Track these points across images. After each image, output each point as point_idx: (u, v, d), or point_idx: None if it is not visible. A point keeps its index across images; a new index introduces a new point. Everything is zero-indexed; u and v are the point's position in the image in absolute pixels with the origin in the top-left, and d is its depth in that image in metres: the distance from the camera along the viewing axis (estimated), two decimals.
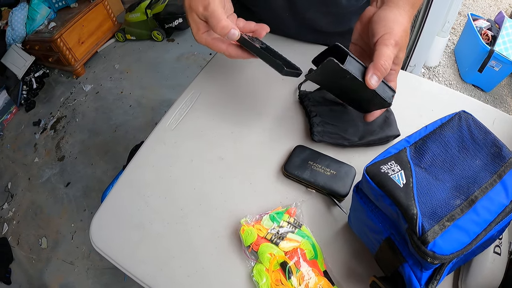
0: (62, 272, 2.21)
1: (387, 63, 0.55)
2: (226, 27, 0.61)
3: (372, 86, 0.56)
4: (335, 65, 0.54)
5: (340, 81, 0.60)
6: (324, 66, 0.55)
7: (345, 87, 0.63)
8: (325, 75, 0.60)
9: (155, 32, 3.26)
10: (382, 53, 0.55)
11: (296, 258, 0.58)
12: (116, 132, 2.78)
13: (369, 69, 0.56)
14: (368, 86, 0.56)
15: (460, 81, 2.53)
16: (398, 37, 0.56)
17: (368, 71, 0.56)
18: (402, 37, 0.57)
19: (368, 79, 0.56)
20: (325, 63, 0.54)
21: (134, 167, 0.78)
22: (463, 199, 0.45)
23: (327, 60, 0.53)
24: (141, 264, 0.66)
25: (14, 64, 3.28)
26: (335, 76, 0.59)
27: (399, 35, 0.57)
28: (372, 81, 0.56)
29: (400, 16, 0.58)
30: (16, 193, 2.72)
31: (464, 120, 0.52)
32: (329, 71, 0.57)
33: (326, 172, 0.67)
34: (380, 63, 0.55)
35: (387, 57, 0.55)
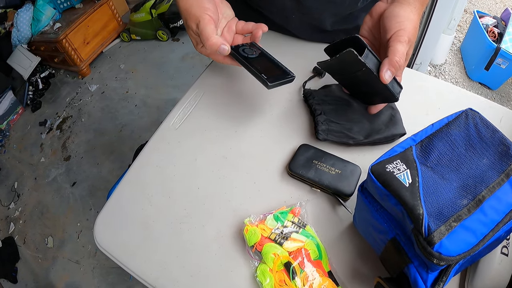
0: (68, 271, 2.22)
1: (402, 59, 0.57)
2: (215, 44, 0.66)
3: (386, 81, 0.57)
4: (354, 56, 0.55)
5: (354, 72, 0.61)
6: (343, 55, 0.56)
7: (356, 78, 0.63)
8: (340, 64, 0.61)
9: (160, 31, 3.26)
10: (397, 49, 0.57)
11: (300, 258, 0.58)
12: (121, 131, 2.79)
13: (384, 64, 0.57)
14: (382, 81, 0.57)
15: (467, 79, 2.51)
16: (411, 34, 0.58)
17: (383, 66, 0.57)
18: (413, 35, 0.59)
19: (383, 74, 0.57)
20: (345, 53, 0.55)
21: (138, 167, 0.78)
22: (470, 199, 0.44)
23: (347, 50, 0.55)
24: (144, 263, 0.65)
25: (20, 65, 3.30)
26: (350, 67, 0.60)
27: (412, 32, 0.58)
28: (386, 76, 0.57)
29: (411, 13, 0.60)
30: (22, 192, 2.74)
31: (471, 118, 0.52)
32: (346, 61, 0.58)
33: (331, 171, 0.66)
34: (395, 59, 0.56)
35: (401, 54, 0.57)
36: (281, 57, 0.84)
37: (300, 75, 0.84)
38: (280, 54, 0.81)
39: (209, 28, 0.65)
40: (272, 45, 0.92)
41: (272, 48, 0.90)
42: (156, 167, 0.77)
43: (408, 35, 0.58)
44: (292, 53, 0.88)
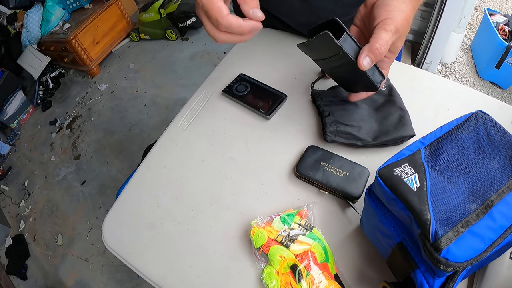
0: (77, 268, 2.24)
1: (383, 47, 0.54)
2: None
3: (363, 68, 0.55)
4: (330, 40, 0.53)
5: (332, 57, 0.59)
6: (319, 38, 0.54)
7: (335, 63, 0.61)
8: (318, 48, 0.59)
9: (169, 31, 3.27)
10: (380, 36, 0.54)
11: (307, 261, 0.57)
12: (131, 131, 2.81)
13: (364, 50, 0.55)
14: (359, 67, 0.55)
15: (477, 78, 2.48)
16: (399, 24, 0.55)
17: (362, 52, 0.55)
18: (403, 25, 0.56)
19: (361, 60, 0.54)
20: (320, 36, 0.53)
21: (146, 167, 0.79)
22: (479, 203, 0.43)
23: (323, 33, 0.52)
24: (151, 263, 0.66)
25: (30, 65, 3.34)
26: (327, 51, 0.58)
27: (400, 23, 0.55)
28: (364, 63, 0.55)
29: (404, 4, 0.57)
30: (32, 191, 2.77)
31: (481, 121, 0.51)
32: (323, 44, 0.56)
33: (339, 173, 0.66)
34: (375, 46, 0.54)
35: (384, 41, 0.54)
36: (289, 58, 0.84)
37: (308, 75, 0.84)
38: (287, 54, 0.81)
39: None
40: (279, 45, 0.92)
41: (279, 48, 0.90)
42: (164, 168, 0.77)
43: (396, 24, 0.55)
44: (299, 53, 0.87)
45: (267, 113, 0.79)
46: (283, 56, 0.84)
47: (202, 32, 3.39)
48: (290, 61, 0.85)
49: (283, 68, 0.84)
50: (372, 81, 0.59)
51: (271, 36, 0.95)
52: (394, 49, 0.59)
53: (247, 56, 0.93)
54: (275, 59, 0.90)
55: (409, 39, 2.59)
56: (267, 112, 0.79)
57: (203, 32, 3.37)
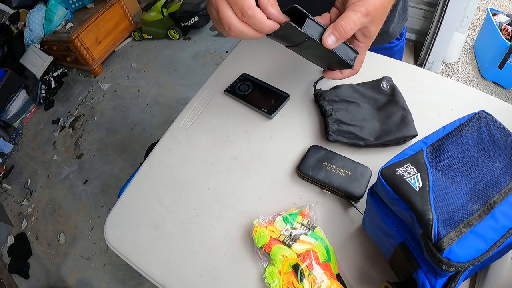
0: (79, 267, 2.25)
1: (349, 26, 0.54)
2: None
3: (328, 46, 0.55)
4: (293, 28, 0.53)
5: (301, 43, 0.59)
6: (283, 29, 0.54)
7: (306, 47, 0.61)
8: (285, 36, 0.59)
9: (171, 30, 3.28)
10: (347, 16, 0.54)
11: (309, 260, 0.57)
12: (133, 130, 2.81)
13: (328, 29, 0.54)
14: (324, 46, 0.55)
15: (480, 78, 2.47)
16: (372, 8, 0.54)
17: (326, 31, 0.55)
18: (376, 9, 0.55)
19: (325, 37, 0.54)
20: (283, 27, 0.54)
21: (148, 167, 0.79)
22: (481, 204, 0.43)
23: (285, 23, 0.53)
24: (154, 262, 0.66)
25: (33, 64, 3.35)
26: (295, 38, 0.58)
27: (373, 6, 0.54)
28: (329, 41, 0.54)
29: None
30: (35, 189, 2.78)
31: (483, 121, 0.51)
32: (288, 33, 0.56)
33: (341, 173, 0.66)
34: (340, 23, 0.53)
35: (350, 20, 0.54)
36: (291, 57, 0.84)
37: (310, 75, 0.84)
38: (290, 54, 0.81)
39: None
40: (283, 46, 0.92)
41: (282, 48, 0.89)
42: (166, 167, 0.77)
43: (367, 7, 0.54)
44: None
45: (270, 112, 0.79)
46: (285, 56, 0.83)
47: (204, 32, 3.39)
48: (292, 60, 0.85)
49: (286, 68, 0.84)
50: (343, 59, 0.59)
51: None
52: (368, 33, 0.58)
53: (249, 56, 0.93)
54: (277, 59, 0.90)
55: (411, 38, 2.58)
56: (269, 111, 0.79)
57: (206, 32, 3.37)
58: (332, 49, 0.56)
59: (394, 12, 0.88)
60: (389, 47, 0.98)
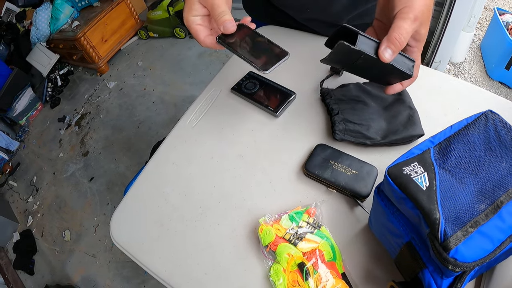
0: (84, 264, 2.26)
1: (403, 36, 0.54)
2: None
3: (385, 60, 0.54)
4: (347, 47, 0.53)
5: (356, 61, 0.59)
6: (336, 50, 0.54)
7: (362, 64, 0.61)
8: (339, 57, 0.59)
9: (177, 29, 3.28)
10: (398, 26, 0.54)
11: (314, 259, 0.57)
12: (139, 128, 2.82)
13: (382, 42, 0.54)
14: (381, 60, 0.55)
15: (487, 78, 2.45)
16: (418, 11, 0.54)
17: (381, 45, 0.54)
18: (423, 12, 0.55)
19: (381, 52, 0.54)
20: (337, 47, 0.54)
21: (154, 164, 0.79)
22: (488, 204, 0.43)
23: (338, 44, 0.53)
24: (159, 260, 0.66)
25: (39, 62, 3.37)
26: (349, 57, 0.58)
27: (419, 9, 0.54)
28: (386, 55, 0.54)
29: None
30: (41, 187, 2.80)
31: (490, 120, 0.51)
32: (343, 53, 0.56)
33: (348, 172, 0.66)
34: (394, 35, 0.53)
35: (402, 30, 0.53)
36: (298, 55, 0.84)
37: (317, 73, 0.84)
38: (297, 52, 0.81)
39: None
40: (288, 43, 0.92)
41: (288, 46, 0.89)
42: (172, 165, 0.77)
43: (414, 12, 0.54)
44: (309, 51, 0.87)
45: (276, 110, 0.79)
46: (292, 54, 0.83)
47: None
48: (299, 59, 0.85)
49: (293, 66, 0.84)
50: (401, 70, 0.58)
51: (280, 34, 0.95)
52: (419, 37, 0.58)
53: None
54: None
55: None
56: (276, 110, 0.79)
57: None
58: (390, 62, 0.56)
59: None
60: None
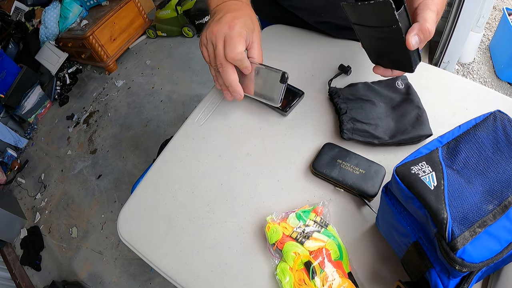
0: (91, 261, 2.28)
1: (433, 28, 0.53)
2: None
3: (411, 47, 0.54)
4: (390, 10, 0.50)
5: (380, 27, 0.56)
6: (377, 4, 0.51)
7: (379, 34, 0.58)
8: (369, 13, 0.55)
9: (185, 28, 3.29)
10: (429, 16, 0.53)
11: (321, 258, 0.57)
12: (147, 126, 2.83)
13: (414, 28, 0.53)
14: (407, 45, 0.53)
15: (495, 79, 2.43)
16: (440, 5, 0.54)
17: (412, 30, 0.53)
18: (442, 7, 0.55)
19: (410, 37, 0.53)
20: (381, 2, 0.50)
21: (162, 162, 0.80)
22: (496, 204, 0.43)
23: (385, 0, 0.49)
24: (166, 257, 0.67)
25: (48, 61, 3.40)
26: (379, 20, 0.54)
27: (440, 5, 0.55)
28: (413, 41, 0.53)
29: None
30: (49, 184, 2.82)
31: (499, 121, 0.50)
32: (377, 12, 0.53)
33: (355, 171, 0.66)
34: (426, 25, 0.53)
35: (432, 22, 0.53)
36: (306, 55, 0.84)
37: (325, 72, 0.84)
38: (305, 51, 0.81)
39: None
40: (296, 42, 0.92)
41: (296, 45, 0.90)
42: (180, 163, 0.78)
43: (437, 5, 0.54)
44: (317, 50, 0.87)
45: (285, 110, 0.79)
46: (300, 53, 0.83)
47: None
48: (307, 58, 0.85)
49: (300, 65, 0.84)
50: (411, 62, 0.57)
51: (288, 33, 0.95)
52: None
53: (264, 53, 0.93)
54: (292, 56, 0.90)
55: None
56: (284, 109, 0.79)
57: None
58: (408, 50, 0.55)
59: None
60: None
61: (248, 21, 0.68)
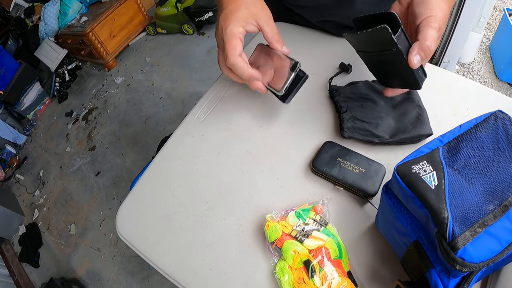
0: (89, 258, 2.28)
1: (433, 46, 0.54)
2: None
3: (414, 66, 0.55)
4: (388, 35, 0.52)
5: (381, 51, 0.58)
6: (376, 31, 0.53)
7: (382, 57, 0.60)
8: (369, 40, 0.58)
9: (185, 25, 3.28)
10: (429, 34, 0.54)
11: (320, 257, 0.57)
12: (146, 123, 2.83)
13: (414, 47, 0.54)
14: (409, 65, 0.55)
15: (495, 79, 2.43)
16: (441, 22, 0.55)
17: (412, 49, 0.54)
18: (444, 23, 0.56)
19: (412, 57, 0.54)
20: (378, 29, 0.52)
21: (161, 159, 0.79)
22: (497, 204, 0.42)
23: (382, 26, 0.51)
24: (164, 255, 0.67)
25: (47, 57, 3.40)
26: (379, 44, 0.57)
27: (442, 20, 0.55)
28: (415, 60, 0.54)
29: (442, 1, 0.57)
30: (47, 180, 2.82)
31: (500, 121, 0.50)
32: (377, 37, 0.55)
33: (355, 170, 0.65)
34: (426, 43, 0.54)
35: (432, 39, 0.54)
36: (307, 53, 0.83)
37: (326, 71, 0.83)
38: (306, 49, 0.81)
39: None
40: (298, 40, 0.92)
41: (297, 43, 0.89)
42: (179, 160, 0.78)
43: (439, 22, 0.55)
44: (318, 48, 0.87)
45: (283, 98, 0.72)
46: (301, 51, 0.83)
47: None
48: (308, 56, 0.84)
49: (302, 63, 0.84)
50: (417, 79, 0.58)
51: (290, 31, 0.95)
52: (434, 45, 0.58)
53: None
54: (293, 54, 0.89)
55: None
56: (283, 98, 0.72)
57: None
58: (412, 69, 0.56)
59: None
60: None
61: (243, 11, 0.67)
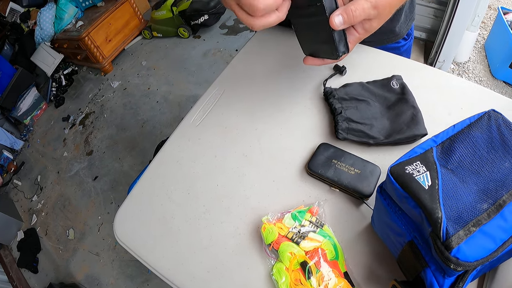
0: (88, 262, 2.28)
1: (358, 11, 0.53)
2: None
3: (334, 25, 0.54)
4: None
5: (307, 6, 0.56)
6: None
7: (306, 15, 0.59)
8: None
9: (181, 29, 3.29)
10: (357, 2, 0.53)
11: (317, 258, 0.58)
12: (143, 127, 2.83)
13: (338, 9, 0.54)
14: (330, 24, 0.54)
15: (491, 78, 2.44)
16: (380, 3, 0.54)
17: (336, 10, 0.54)
18: (384, 6, 0.55)
19: (334, 16, 0.53)
20: None
21: (158, 163, 0.79)
22: (491, 203, 0.43)
23: None
24: (162, 258, 0.67)
25: (44, 62, 3.39)
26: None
27: (382, 1, 0.54)
28: (336, 20, 0.54)
29: None
30: (45, 186, 2.81)
31: (493, 120, 0.50)
32: None
33: (350, 171, 0.66)
34: (350, 7, 0.53)
35: (359, 6, 0.53)
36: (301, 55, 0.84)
37: (320, 72, 0.84)
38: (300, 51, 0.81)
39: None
40: (292, 42, 0.92)
41: (292, 45, 0.90)
42: (176, 164, 0.78)
43: (377, 0, 0.54)
44: None
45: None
46: (296, 53, 0.83)
47: (214, 30, 3.40)
48: (302, 58, 0.85)
49: (296, 66, 0.84)
50: (336, 47, 0.57)
51: (284, 34, 0.95)
52: (368, 27, 0.58)
53: (259, 54, 0.93)
54: (287, 56, 0.90)
55: (422, 37, 2.56)
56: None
57: (215, 30, 3.38)
58: (332, 31, 0.55)
59: (400, 11, 0.87)
60: (396, 47, 0.97)
61: None
